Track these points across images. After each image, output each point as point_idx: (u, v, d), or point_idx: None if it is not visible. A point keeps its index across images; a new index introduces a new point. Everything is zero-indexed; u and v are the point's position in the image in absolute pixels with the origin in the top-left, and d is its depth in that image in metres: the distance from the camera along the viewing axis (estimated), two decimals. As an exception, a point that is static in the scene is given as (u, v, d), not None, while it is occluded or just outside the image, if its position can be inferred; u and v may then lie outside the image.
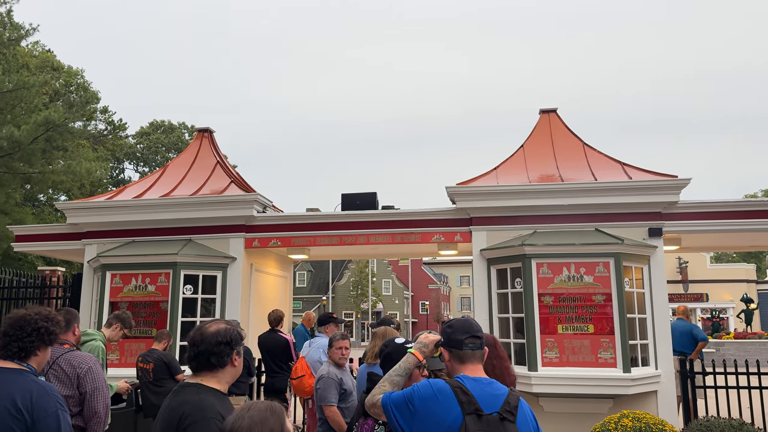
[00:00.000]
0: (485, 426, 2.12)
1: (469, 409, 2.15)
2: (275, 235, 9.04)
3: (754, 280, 38.84)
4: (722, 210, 8.18)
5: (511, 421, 2.16)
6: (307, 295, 54.88)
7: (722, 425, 5.84)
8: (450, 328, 2.41)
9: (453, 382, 2.25)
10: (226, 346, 2.40)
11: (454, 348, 2.36)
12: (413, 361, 2.50)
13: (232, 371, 2.44)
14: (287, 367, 7.64)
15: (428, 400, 2.21)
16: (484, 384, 2.27)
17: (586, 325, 7.54)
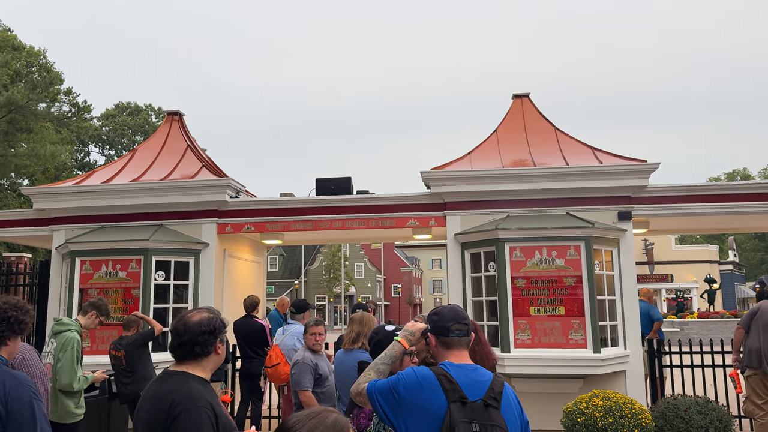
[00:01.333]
0: (470, 413, 2.14)
1: (453, 396, 2.17)
2: (249, 220, 8.97)
3: (717, 261, 40.05)
4: (689, 194, 8.38)
5: (495, 407, 2.19)
6: (279, 280, 54.68)
7: (688, 403, 6.05)
8: (437, 315, 2.43)
9: (438, 370, 2.27)
10: (209, 335, 2.40)
11: (440, 335, 2.38)
12: (399, 349, 2.51)
13: (215, 359, 2.45)
14: (263, 352, 7.63)
15: (413, 388, 2.23)
16: (468, 371, 2.29)
17: (558, 307, 7.69)
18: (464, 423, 2.11)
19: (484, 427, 2.12)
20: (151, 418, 2.29)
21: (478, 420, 2.13)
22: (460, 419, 2.12)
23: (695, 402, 6.02)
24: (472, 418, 2.13)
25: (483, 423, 2.13)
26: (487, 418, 2.15)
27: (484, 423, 2.13)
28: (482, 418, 2.14)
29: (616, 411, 5.80)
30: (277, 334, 6.78)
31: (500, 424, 2.15)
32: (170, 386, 2.33)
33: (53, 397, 5.08)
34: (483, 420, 2.14)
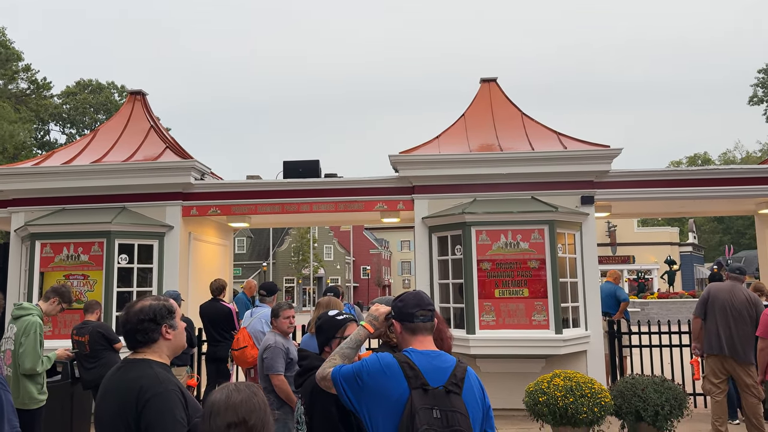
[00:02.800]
0: (431, 400, 2.17)
1: (415, 383, 2.20)
2: (214, 203, 8.87)
3: (677, 242, 41.21)
4: (651, 179, 8.59)
5: (456, 393, 2.22)
6: (247, 262, 54.28)
7: (645, 382, 6.24)
8: (401, 301, 2.44)
9: (401, 357, 2.29)
10: (150, 322, 2.40)
11: (405, 321, 2.40)
12: (364, 334, 2.54)
13: (167, 344, 2.44)
14: (230, 335, 7.61)
15: (376, 375, 2.25)
16: (431, 357, 2.32)
17: (522, 289, 7.84)
18: (425, 410, 2.15)
19: (444, 414, 2.16)
20: (117, 407, 2.27)
21: (440, 406, 2.17)
22: (420, 406, 2.15)
23: (652, 381, 6.21)
24: (434, 405, 2.16)
25: (444, 409, 2.16)
26: (448, 404, 2.18)
27: (445, 409, 2.17)
28: (443, 404, 2.18)
29: (576, 390, 5.96)
30: (245, 317, 6.76)
31: (461, 410, 2.19)
32: (135, 373, 2.32)
33: (14, 383, 4.99)
34: (444, 406, 2.17)
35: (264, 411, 1.79)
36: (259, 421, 1.77)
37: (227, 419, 1.75)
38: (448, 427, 2.14)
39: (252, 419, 1.76)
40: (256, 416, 1.77)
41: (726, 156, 63.90)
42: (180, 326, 2.49)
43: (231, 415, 1.75)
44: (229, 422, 1.75)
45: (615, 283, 9.79)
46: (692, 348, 6.95)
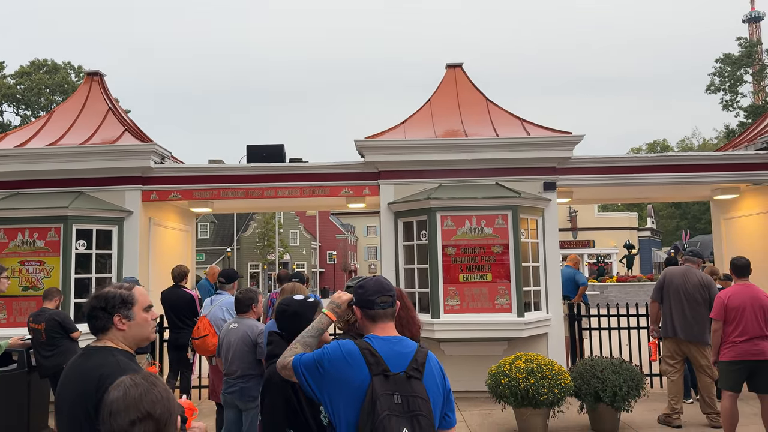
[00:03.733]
0: (392, 386, 2.18)
1: (376, 370, 2.20)
2: (175, 187, 8.69)
3: (636, 227, 42.26)
4: (610, 165, 8.75)
5: (417, 379, 2.23)
6: (211, 247, 53.52)
7: (604, 363, 6.41)
8: (362, 288, 2.42)
9: (362, 344, 2.29)
10: (101, 311, 2.35)
11: (366, 308, 2.39)
12: (326, 322, 2.52)
13: (122, 335, 2.37)
14: (192, 322, 7.50)
15: (337, 363, 2.25)
16: (392, 343, 2.32)
17: (485, 274, 7.93)
18: (386, 395, 2.15)
19: (405, 399, 2.17)
20: (77, 395, 2.22)
21: (401, 392, 2.17)
22: (382, 392, 2.15)
23: (611, 363, 6.38)
24: (395, 391, 2.17)
25: (404, 394, 2.17)
26: (409, 389, 2.19)
27: (406, 394, 2.18)
28: (404, 389, 2.18)
29: (537, 372, 6.09)
30: (204, 305, 6.65)
31: (422, 395, 2.20)
32: (96, 361, 2.27)
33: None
34: (405, 392, 2.18)
35: (168, 399, 1.70)
36: (165, 412, 1.67)
37: (130, 416, 1.64)
38: (409, 412, 2.15)
39: (157, 411, 1.66)
40: (161, 407, 1.67)
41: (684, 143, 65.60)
42: (140, 317, 2.40)
43: (133, 412, 1.65)
44: (133, 419, 1.64)
45: (574, 267, 9.99)
46: (650, 331, 7.16)
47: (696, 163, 8.76)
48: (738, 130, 37.93)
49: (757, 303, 5.59)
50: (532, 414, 6.15)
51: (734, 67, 38.38)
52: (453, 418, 2.40)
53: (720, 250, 10.34)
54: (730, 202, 10.02)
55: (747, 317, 5.55)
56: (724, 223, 10.27)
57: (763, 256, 8.82)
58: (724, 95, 38.89)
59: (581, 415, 6.69)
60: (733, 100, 38.69)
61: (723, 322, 5.68)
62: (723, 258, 9.91)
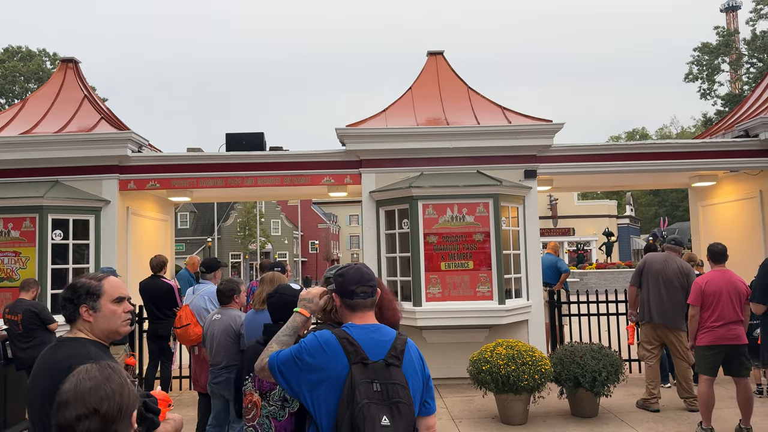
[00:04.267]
0: (371, 374, 2.17)
1: (355, 358, 2.19)
2: (153, 176, 8.57)
3: (615, 215, 42.74)
4: (590, 153, 8.80)
5: (396, 366, 2.22)
6: (191, 237, 53.05)
7: (583, 349, 6.48)
8: (342, 277, 2.40)
9: (340, 333, 2.27)
10: (68, 302, 2.30)
11: (345, 297, 2.38)
12: (300, 320, 2.49)
13: (89, 326, 2.32)
14: (171, 313, 7.43)
15: (316, 353, 2.23)
16: (371, 331, 2.31)
17: (467, 261, 7.95)
18: (365, 384, 2.14)
19: (384, 386, 2.16)
20: (47, 386, 2.17)
21: (380, 379, 2.17)
22: (361, 380, 2.14)
23: (590, 348, 6.45)
24: (374, 378, 2.16)
25: (384, 382, 2.17)
26: (388, 377, 2.18)
27: (385, 382, 2.17)
28: (383, 377, 2.18)
29: (518, 359, 6.14)
30: (187, 294, 6.60)
31: (401, 382, 2.20)
32: (66, 352, 2.22)
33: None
34: (384, 379, 2.18)
35: (120, 395, 1.61)
36: (113, 408, 1.58)
37: (77, 411, 1.56)
38: (389, 400, 2.14)
39: (104, 407, 1.57)
40: (109, 403, 1.59)
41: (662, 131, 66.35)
42: (107, 309, 2.34)
43: (80, 407, 1.57)
44: (79, 414, 1.56)
45: (555, 255, 10.07)
46: (628, 315, 7.25)
47: (674, 150, 8.85)
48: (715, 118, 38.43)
49: (733, 288, 5.68)
50: (513, 400, 6.21)
51: (712, 56, 38.79)
52: (432, 404, 2.40)
53: (697, 237, 10.49)
54: (707, 190, 10.15)
55: (723, 302, 5.64)
56: (701, 210, 10.41)
57: (739, 242, 8.97)
58: (702, 84, 39.31)
59: (561, 401, 6.76)
60: (710, 89, 39.14)
61: (700, 307, 5.76)
62: (701, 244, 10.05)
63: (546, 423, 6.30)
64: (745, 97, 14.60)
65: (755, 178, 8.89)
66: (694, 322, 5.81)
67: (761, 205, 8.76)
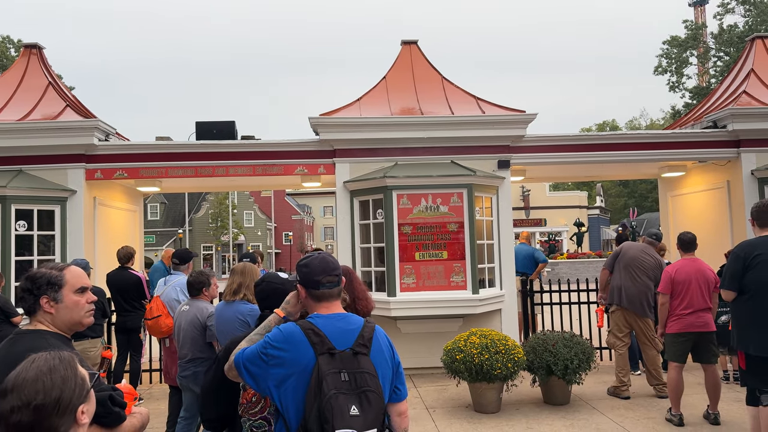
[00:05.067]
0: (339, 363, 2.13)
1: (321, 349, 2.15)
2: (121, 165, 8.37)
3: (586, 206, 43.37)
4: (563, 144, 8.86)
5: (364, 354, 2.19)
6: (162, 229, 52.29)
7: (555, 338, 6.54)
8: (306, 267, 2.35)
9: (304, 324, 2.22)
10: (28, 293, 2.22)
11: (310, 287, 2.33)
12: (274, 319, 2.45)
13: (50, 318, 2.23)
14: (140, 305, 7.29)
15: (281, 347, 2.18)
16: (336, 320, 2.27)
17: (441, 251, 7.95)
18: (332, 374, 2.10)
19: (353, 376, 2.12)
20: None
21: (347, 369, 2.13)
22: (328, 371, 2.10)
23: (562, 337, 6.51)
24: (341, 368, 2.13)
25: (352, 371, 2.13)
26: (356, 366, 2.15)
27: (353, 371, 2.13)
28: (351, 366, 2.14)
29: (491, 347, 6.16)
30: (158, 285, 6.48)
31: (369, 370, 2.16)
32: (25, 345, 2.12)
33: None
34: (352, 368, 2.14)
35: (60, 388, 1.53)
36: (49, 402, 1.49)
37: (12, 402, 1.48)
38: (357, 388, 2.11)
39: (37, 400, 1.48)
40: (45, 397, 1.50)
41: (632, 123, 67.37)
42: (69, 300, 2.25)
43: (15, 398, 1.48)
44: (12, 406, 1.48)
45: (528, 244, 10.15)
46: (598, 298, 7.35)
47: (645, 141, 8.96)
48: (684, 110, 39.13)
49: (702, 277, 5.78)
50: (486, 388, 6.24)
51: (680, 49, 39.43)
52: (403, 390, 2.37)
53: (667, 227, 10.67)
54: (676, 180, 10.32)
55: (693, 290, 5.74)
56: (671, 200, 10.59)
57: (707, 231, 9.14)
58: (670, 77, 39.94)
59: (534, 389, 6.83)
60: (679, 82, 39.79)
61: (670, 295, 5.85)
62: (670, 234, 10.22)
63: (519, 411, 6.35)
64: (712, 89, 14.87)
65: (723, 168, 9.06)
66: (664, 309, 5.90)
67: (728, 195, 8.94)
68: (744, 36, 34.10)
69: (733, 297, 4.61)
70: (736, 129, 8.53)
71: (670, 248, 9.38)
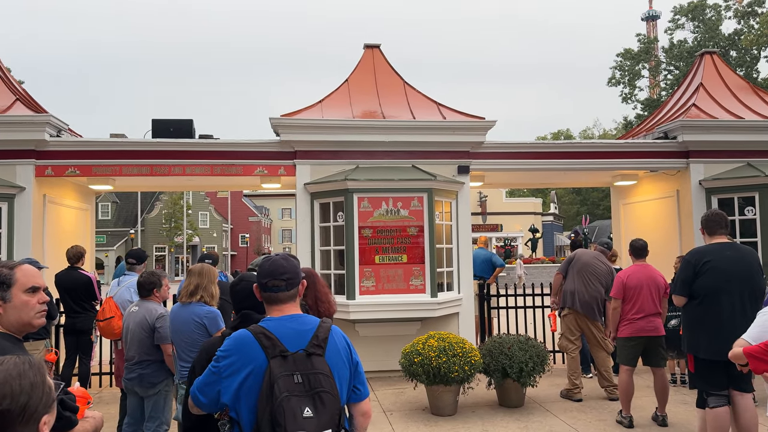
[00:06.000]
0: (291, 366, 2.11)
1: (273, 352, 2.12)
2: (73, 162, 8.12)
3: (540, 212, 44.33)
4: (521, 150, 9.04)
5: (319, 355, 2.17)
6: (113, 229, 50.82)
7: (511, 341, 6.65)
8: (259, 268, 2.35)
9: (255, 329, 2.20)
10: None
11: (261, 290, 2.33)
12: None
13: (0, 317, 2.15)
14: (90, 306, 7.08)
15: (231, 356, 2.17)
16: (288, 321, 2.25)
17: (401, 255, 7.99)
18: (284, 377, 2.08)
19: (306, 377, 2.10)
20: None
21: (300, 371, 2.11)
22: (280, 374, 2.08)
23: (517, 340, 6.63)
24: (294, 370, 2.10)
25: (305, 373, 2.11)
26: (309, 367, 2.13)
27: (306, 372, 2.11)
28: (304, 368, 2.12)
29: (449, 350, 6.23)
30: (111, 285, 6.31)
31: (323, 371, 2.14)
32: None
33: None
34: (305, 370, 2.12)
35: (28, 395, 1.48)
36: (15, 407, 1.45)
37: None
38: (311, 390, 2.09)
39: (3, 405, 1.43)
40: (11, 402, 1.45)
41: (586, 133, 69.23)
42: (18, 299, 2.16)
43: None
44: None
45: (485, 248, 10.30)
46: (551, 302, 7.52)
47: (599, 150, 9.22)
48: (635, 121, 40.42)
49: (653, 282, 5.98)
50: (444, 391, 6.29)
51: (633, 62, 40.77)
52: (364, 390, 2.36)
53: (618, 234, 11.00)
54: (628, 188, 10.66)
55: (644, 296, 5.93)
56: (623, 208, 10.92)
57: (658, 239, 9.45)
58: (623, 88, 41.24)
59: (489, 391, 6.93)
60: (631, 93, 41.13)
61: (621, 300, 6.03)
62: (621, 241, 10.54)
63: (475, 413, 6.43)
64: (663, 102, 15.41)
65: (673, 178, 9.39)
66: (615, 314, 6.07)
67: (678, 204, 9.28)
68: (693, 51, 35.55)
69: (684, 302, 4.78)
70: (685, 140, 8.87)
71: (622, 255, 9.68)
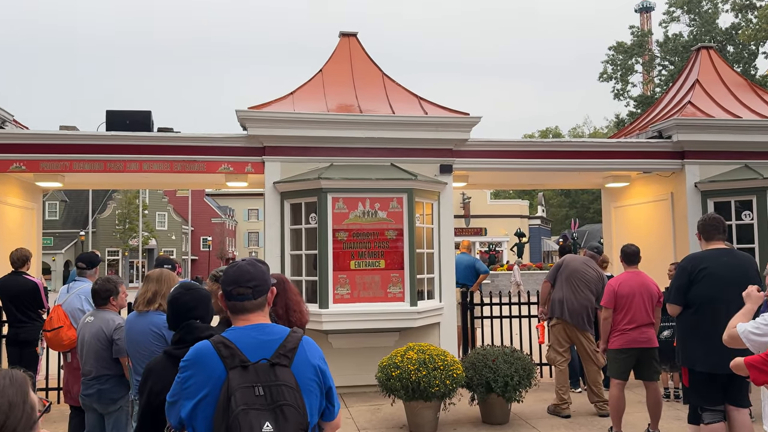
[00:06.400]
0: (252, 376, 2.09)
1: (232, 363, 2.11)
2: (18, 157, 7.97)
3: (527, 215, 44.72)
4: (507, 149, 9.13)
5: (284, 366, 2.15)
6: (61, 230, 49.95)
7: (496, 353, 6.71)
8: (223, 275, 2.36)
9: (216, 339, 2.20)
10: None
11: (225, 298, 2.33)
12: None
13: None
14: (36, 314, 6.95)
15: (191, 370, 2.16)
16: (252, 330, 2.24)
17: (378, 260, 8.00)
18: (244, 389, 2.07)
19: (268, 389, 2.09)
20: None
21: (263, 382, 2.10)
22: (238, 385, 2.07)
23: (502, 352, 6.69)
24: (255, 382, 2.09)
25: (267, 384, 2.10)
26: (272, 378, 2.11)
27: (269, 384, 2.10)
28: (267, 379, 2.11)
29: (429, 363, 6.25)
30: (60, 293, 6.21)
31: (287, 383, 2.13)
32: None
33: None
34: (267, 381, 2.10)
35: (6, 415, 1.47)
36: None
37: None
38: (273, 403, 2.07)
39: None
40: None
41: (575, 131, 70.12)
42: None
43: None
44: None
45: (468, 253, 10.37)
46: (539, 312, 7.60)
47: (590, 149, 9.36)
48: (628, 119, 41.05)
49: (646, 290, 6.07)
50: (423, 407, 6.31)
51: (626, 56, 41.38)
52: (335, 408, 2.37)
53: (609, 238, 11.16)
54: (620, 191, 10.82)
55: (636, 305, 6.01)
56: (614, 211, 11.09)
57: (651, 244, 9.61)
58: (615, 84, 41.82)
59: (472, 407, 6.96)
60: (624, 89, 41.73)
61: (613, 309, 6.11)
62: (612, 246, 10.70)
63: (456, 431, 6.45)
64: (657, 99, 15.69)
65: (667, 179, 9.57)
66: (606, 324, 6.15)
67: (672, 207, 9.45)
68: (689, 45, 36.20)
69: (678, 311, 4.86)
70: (680, 140, 9.04)
71: (613, 260, 9.83)
